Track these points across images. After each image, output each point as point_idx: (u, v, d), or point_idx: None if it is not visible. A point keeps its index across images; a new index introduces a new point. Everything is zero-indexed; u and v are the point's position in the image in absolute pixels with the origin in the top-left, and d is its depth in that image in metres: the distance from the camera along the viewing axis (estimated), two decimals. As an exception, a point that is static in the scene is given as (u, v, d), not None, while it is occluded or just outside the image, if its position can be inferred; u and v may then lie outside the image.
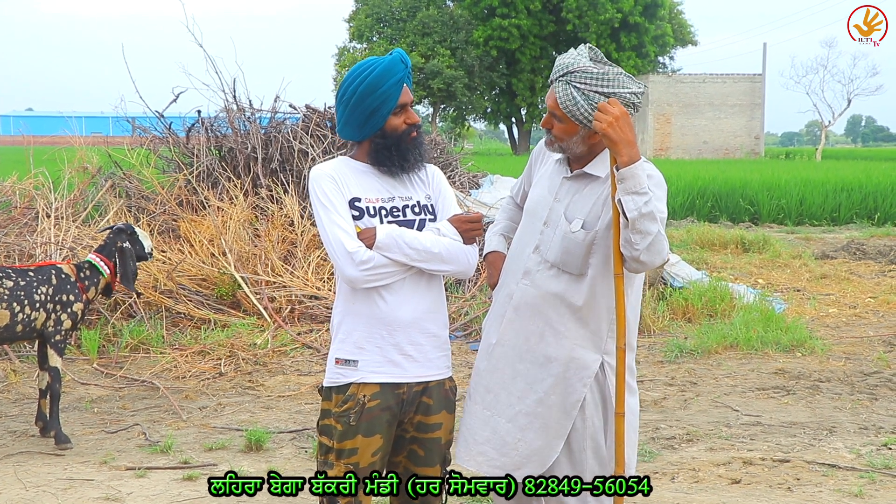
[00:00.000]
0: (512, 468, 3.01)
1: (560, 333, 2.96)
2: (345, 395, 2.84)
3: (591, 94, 2.86)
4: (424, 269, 2.85)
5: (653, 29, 50.26)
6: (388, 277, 2.82)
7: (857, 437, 5.39)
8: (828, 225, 17.92)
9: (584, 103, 2.86)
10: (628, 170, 2.73)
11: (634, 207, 2.72)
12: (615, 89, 2.86)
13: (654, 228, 2.74)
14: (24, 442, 5.36)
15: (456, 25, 50.61)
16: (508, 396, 3.03)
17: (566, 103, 2.89)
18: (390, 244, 2.79)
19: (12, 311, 5.13)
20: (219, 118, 10.62)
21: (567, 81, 2.89)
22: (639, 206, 2.72)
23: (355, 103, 2.85)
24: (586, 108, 2.86)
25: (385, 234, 2.79)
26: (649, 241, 2.74)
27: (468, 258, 2.90)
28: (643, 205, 2.72)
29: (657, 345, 7.62)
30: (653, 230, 2.73)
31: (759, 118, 48.06)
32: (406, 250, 2.80)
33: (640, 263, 2.80)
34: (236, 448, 5.20)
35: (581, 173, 3.02)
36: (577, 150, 2.97)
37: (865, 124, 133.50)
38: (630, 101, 2.89)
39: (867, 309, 9.21)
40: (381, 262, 2.79)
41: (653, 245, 2.75)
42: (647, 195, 2.73)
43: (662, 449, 5.20)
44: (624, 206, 2.75)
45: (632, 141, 2.76)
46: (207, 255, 8.34)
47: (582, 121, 2.88)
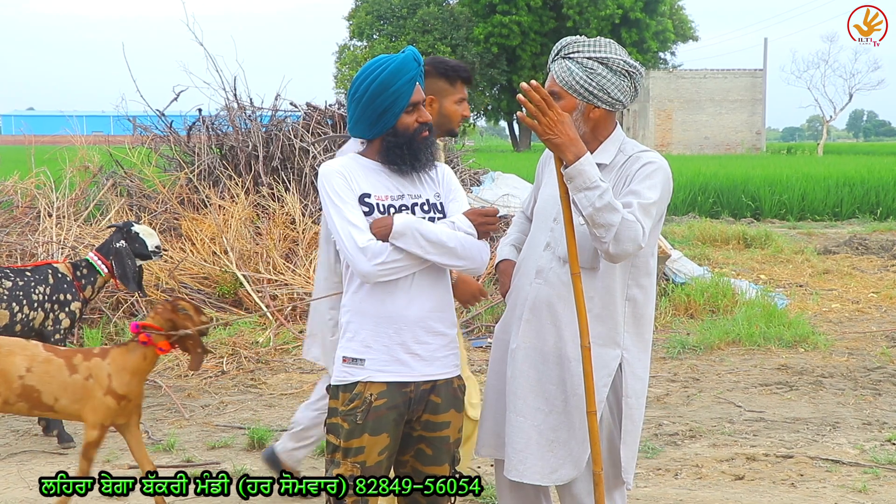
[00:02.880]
0: (549, 472, 2.98)
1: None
2: (352, 393, 2.84)
3: (585, 62, 2.88)
4: (437, 262, 2.82)
5: (653, 25, 50.23)
6: (401, 272, 2.80)
7: (860, 432, 5.38)
8: (830, 220, 17.89)
9: (579, 71, 2.88)
10: (574, 168, 2.71)
11: (588, 204, 2.70)
12: (608, 55, 2.89)
13: (616, 219, 2.70)
14: (26, 441, 5.36)
15: (456, 22, 50.57)
16: (536, 399, 3.00)
17: (562, 75, 2.91)
18: (406, 233, 2.76)
19: (11, 311, 5.13)
20: (220, 116, 10.61)
21: (562, 57, 2.93)
22: (592, 202, 2.69)
23: (367, 101, 2.84)
24: (582, 76, 2.88)
25: (402, 222, 2.77)
26: (613, 232, 2.71)
27: (481, 255, 2.87)
28: (597, 199, 2.69)
29: (659, 341, 7.61)
30: (615, 220, 2.70)
31: (761, 113, 48.03)
32: (421, 242, 2.77)
33: (612, 256, 2.77)
34: (239, 446, 5.20)
35: None
36: (580, 128, 2.94)
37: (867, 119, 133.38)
38: (623, 69, 2.89)
39: (870, 304, 9.20)
40: (394, 256, 2.77)
41: (619, 235, 2.72)
42: (599, 188, 2.70)
43: (665, 445, 5.19)
44: (578, 205, 2.73)
45: (574, 138, 2.72)
46: (209, 253, 8.34)
47: (579, 90, 2.89)
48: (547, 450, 2.98)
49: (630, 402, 2.99)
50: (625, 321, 2.97)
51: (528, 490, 3.15)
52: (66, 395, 3.79)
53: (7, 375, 3.78)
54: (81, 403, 3.79)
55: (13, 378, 3.78)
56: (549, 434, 2.98)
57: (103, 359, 3.82)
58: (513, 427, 3.03)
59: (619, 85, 2.91)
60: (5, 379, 3.78)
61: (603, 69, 2.89)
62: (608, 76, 2.89)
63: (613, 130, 3.03)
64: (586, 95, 2.90)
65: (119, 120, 11.30)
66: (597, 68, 2.88)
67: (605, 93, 2.90)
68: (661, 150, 44.35)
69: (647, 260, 3.00)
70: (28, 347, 3.88)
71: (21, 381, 3.78)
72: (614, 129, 3.04)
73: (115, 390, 3.78)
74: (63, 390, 3.79)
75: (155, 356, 3.85)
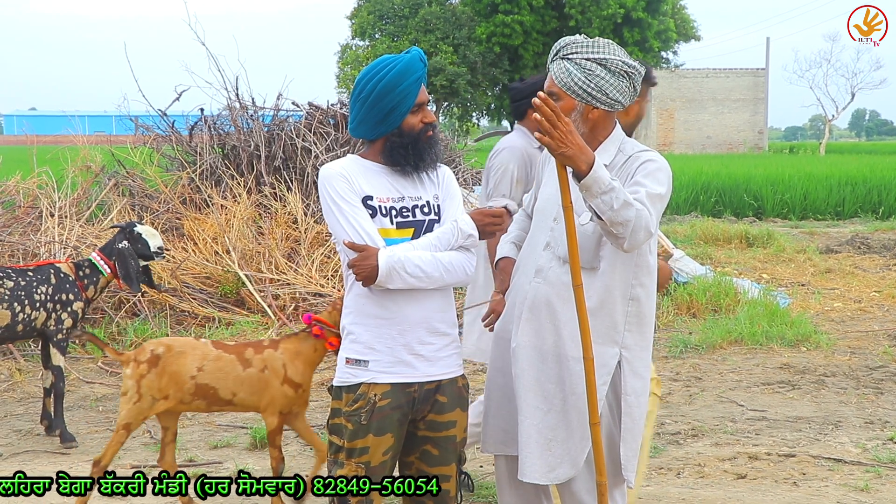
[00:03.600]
0: (547, 470, 2.99)
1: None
2: (355, 394, 2.84)
3: (583, 63, 2.88)
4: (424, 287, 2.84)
5: (656, 24, 50.16)
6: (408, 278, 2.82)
7: (862, 431, 5.38)
8: (832, 219, 17.87)
9: (577, 72, 2.88)
10: (589, 177, 2.68)
11: (607, 208, 2.69)
12: (606, 56, 2.89)
13: (632, 214, 2.70)
14: (29, 441, 5.37)
15: (458, 22, 50.56)
16: (535, 398, 3.01)
17: (560, 76, 2.91)
18: (392, 274, 2.76)
19: (13, 311, 5.14)
20: (222, 116, 10.63)
21: (560, 58, 2.94)
22: (610, 205, 2.68)
23: (373, 102, 2.83)
24: (580, 77, 2.88)
25: (385, 265, 2.75)
26: (631, 226, 2.71)
27: (465, 270, 2.89)
28: (614, 200, 2.68)
29: (662, 340, 7.61)
30: (631, 216, 2.70)
31: (763, 113, 47.98)
32: (407, 278, 2.78)
33: (626, 249, 2.79)
34: (241, 446, 5.21)
35: None
36: (579, 129, 2.93)
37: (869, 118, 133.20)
38: (622, 70, 2.89)
39: (872, 303, 9.19)
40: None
41: (635, 228, 2.72)
42: (614, 189, 2.69)
43: (668, 444, 5.19)
44: (597, 210, 2.71)
45: (582, 146, 2.70)
46: (211, 253, 8.35)
47: (578, 91, 2.89)
48: (545, 448, 2.99)
49: (629, 401, 2.99)
50: (627, 320, 2.97)
51: (527, 488, 3.16)
52: (244, 388, 3.92)
53: (179, 377, 3.92)
54: (259, 395, 3.92)
55: (185, 379, 3.91)
56: (547, 433, 2.99)
57: (275, 350, 3.94)
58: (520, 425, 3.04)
59: (617, 86, 2.90)
60: (178, 380, 3.92)
61: (601, 70, 2.88)
62: (606, 77, 2.88)
63: (613, 130, 3.03)
64: (584, 96, 2.90)
65: (121, 120, 11.32)
66: (595, 69, 2.88)
67: (603, 94, 2.90)
68: (664, 149, 44.35)
69: (647, 259, 3.00)
70: (198, 347, 3.99)
71: (194, 381, 3.91)
72: (613, 128, 3.03)
73: (291, 379, 3.90)
74: (240, 385, 3.92)
75: (324, 350, 3.95)
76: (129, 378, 3.96)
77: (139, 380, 3.93)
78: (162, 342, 4.03)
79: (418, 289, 2.83)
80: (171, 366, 3.93)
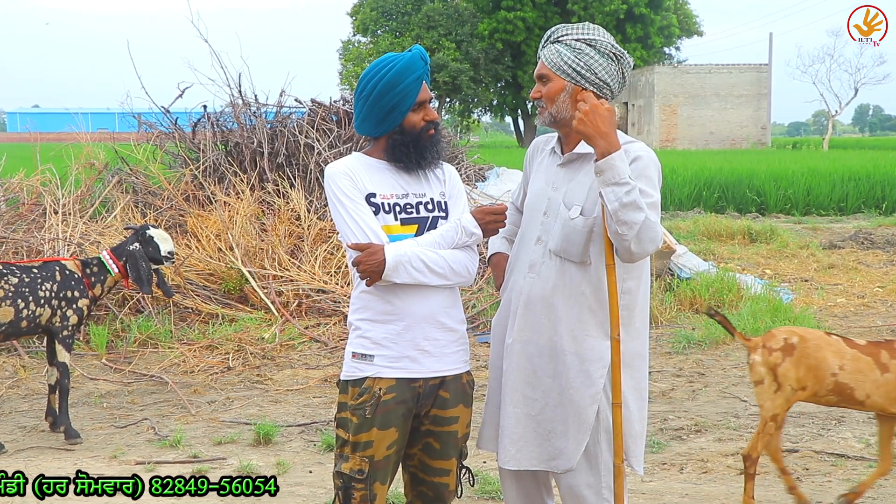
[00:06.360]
0: (547, 458, 3.01)
1: (571, 325, 2.95)
2: (360, 388, 2.86)
3: (573, 43, 2.94)
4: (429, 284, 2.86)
5: (658, 20, 50.16)
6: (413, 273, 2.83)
7: (865, 426, 5.38)
8: (835, 215, 17.85)
9: (567, 52, 2.94)
10: (605, 161, 2.73)
11: (615, 199, 2.72)
12: (595, 37, 2.94)
13: (640, 217, 2.72)
14: (34, 437, 5.39)
15: (461, 18, 50.57)
16: (533, 391, 3.02)
17: (551, 58, 2.97)
18: (398, 269, 2.78)
19: (16, 307, 5.15)
20: (224, 113, 10.63)
21: (552, 42, 3.00)
22: (619, 197, 2.71)
23: (375, 99, 2.86)
24: (570, 56, 2.93)
25: (392, 258, 2.78)
26: (636, 230, 2.72)
27: (468, 270, 2.92)
28: (624, 195, 2.71)
29: (665, 336, 7.62)
30: (638, 219, 2.71)
31: (766, 108, 47.90)
32: (413, 273, 2.80)
33: (632, 254, 2.78)
34: (245, 442, 5.22)
35: (574, 156, 3.02)
36: (566, 112, 2.96)
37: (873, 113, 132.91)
38: (611, 52, 2.94)
39: (875, 298, 9.19)
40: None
41: (641, 233, 2.73)
42: (628, 185, 2.72)
43: (671, 440, 5.20)
44: (604, 199, 2.75)
45: (605, 132, 2.75)
46: (214, 249, 8.36)
47: (567, 70, 2.94)
48: (544, 439, 3.01)
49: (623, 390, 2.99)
50: (620, 313, 2.98)
51: (528, 483, 3.17)
52: (879, 392, 3.92)
53: (820, 371, 3.93)
54: (892, 400, 3.93)
55: (826, 374, 3.93)
56: (546, 425, 3.01)
57: None
58: (508, 417, 3.06)
59: (606, 67, 2.94)
60: (818, 374, 3.93)
61: (590, 50, 2.94)
62: (595, 57, 2.94)
63: None
64: (573, 76, 2.94)
65: (124, 117, 11.33)
66: (584, 49, 2.94)
67: (592, 73, 2.94)
68: (667, 145, 44.28)
69: None
70: (833, 344, 3.99)
71: (834, 378, 3.92)
72: None
73: None
74: (875, 388, 3.92)
75: None
76: (759, 365, 3.97)
77: (774, 368, 3.94)
78: (794, 331, 4.03)
79: (424, 285, 2.85)
80: (809, 358, 3.93)
